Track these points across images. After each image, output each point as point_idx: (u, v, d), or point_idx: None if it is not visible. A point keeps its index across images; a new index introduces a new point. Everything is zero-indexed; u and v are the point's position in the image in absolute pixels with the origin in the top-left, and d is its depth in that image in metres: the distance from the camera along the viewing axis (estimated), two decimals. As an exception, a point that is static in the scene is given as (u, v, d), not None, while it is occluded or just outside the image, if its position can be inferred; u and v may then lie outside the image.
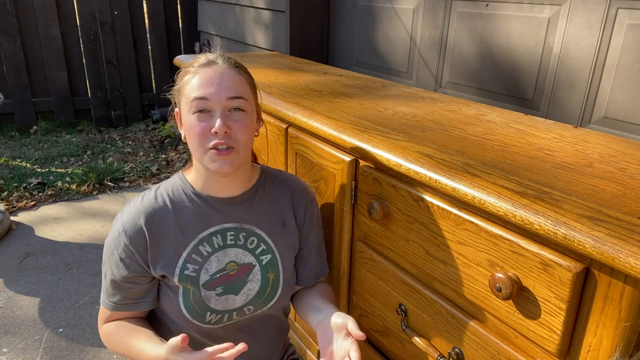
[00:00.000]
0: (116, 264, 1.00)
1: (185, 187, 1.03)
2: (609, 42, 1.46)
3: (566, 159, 0.96)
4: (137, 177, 3.28)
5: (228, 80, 0.95)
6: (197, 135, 0.94)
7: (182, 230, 1.01)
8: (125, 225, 0.99)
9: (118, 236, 0.99)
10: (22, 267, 2.29)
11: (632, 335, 0.70)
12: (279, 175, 1.13)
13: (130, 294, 1.02)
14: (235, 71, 0.98)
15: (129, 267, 0.99)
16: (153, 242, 0.99)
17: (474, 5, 1.83)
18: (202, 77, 0.95)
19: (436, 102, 1.41)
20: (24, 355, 1.77)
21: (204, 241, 1.02)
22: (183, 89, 0.97)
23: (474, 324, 0.91)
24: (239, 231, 1.04)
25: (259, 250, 1.06)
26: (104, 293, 1.05)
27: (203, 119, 0.94)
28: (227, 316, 1.06)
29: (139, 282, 1.02)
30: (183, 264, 1.00)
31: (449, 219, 0.91)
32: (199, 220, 1.02)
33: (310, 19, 2.60)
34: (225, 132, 0.93)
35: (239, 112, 0.96)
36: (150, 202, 1.01)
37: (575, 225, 0.70)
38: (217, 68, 0.96)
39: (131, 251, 0.99)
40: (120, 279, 1.01)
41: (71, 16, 3.98)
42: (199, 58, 0.99)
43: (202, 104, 0.94)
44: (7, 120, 4.04)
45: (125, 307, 1.04)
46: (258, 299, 1.07)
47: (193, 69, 0.97)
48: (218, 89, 0.94)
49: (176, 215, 1.01)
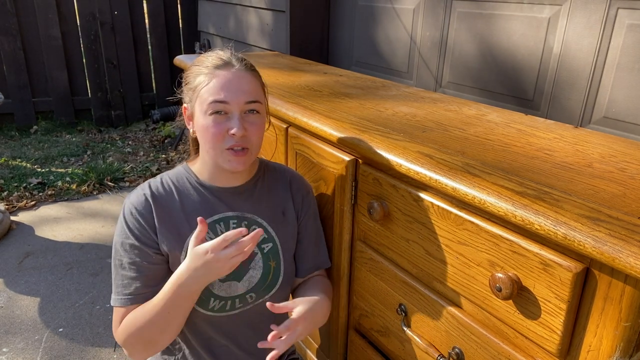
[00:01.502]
0: (133, 245, 1.00)
1: (189, 176, 1.07)
2: (609, 42, 1.46)
3: (566, 159, 0.96)
4: (137, 177, 3.29)
5: (246, 84, 0.98)
6: (214, 135, 0.97)
7: (187, 217, 1.04)
8: (135, 204, 1.02)
9: (130, 216, 1.01)
10: (22, 267, 2.29)
11: (632, 335, 0.70)
12: (277, 167, 1.18)
13: (148, 278, 1.01)
14: (250, 74, 1.01)
15: (147, 244, 1.01)
16: (160, 220, 1.02)
17: (474, 5, 1.83)
18: (220, 80, 0.97)
19: (436, 102, 1.41)
20: (24, 355, 1.77)
21: (207, 229, 1.03)
22: (198, 89, 0.99)
23: (474, 324, 0.91)
24: (241, 220, 1.08)
25: (261, 238, 1.09)
26: (117, 289, 1.02)
27: (220, 121, 0.97)
28: (230, 303, 1.07)
29: (157, 262, 1.02)
30: (187, 250, 1.01)
31: (449, 219, 0.91)
32: (203, 208, 1.05)
33: (311, 19, 2.60)
34: (243, 135, 0.97)
35: (255, 115, 1.00)
36: (157, 186, 1.05)
37: (575, 225, 0.70)
38: (234, 71, 0.99)
39: (145, 228, 1.01)
40: (140, 259, 1.00)
41: (71, 16, 3.98)
42: (210, 57, 1.01)
43: (221, 106, 0.97)
44: (7, 120, 4.04)
45: (142, 297, 1.01)
46: (260, 287, 1.09)
47: (207, 70, 0.99)
48: (237, 93, 0.97)
49: (181, 202, 1.04)
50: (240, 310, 1.09)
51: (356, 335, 1.27)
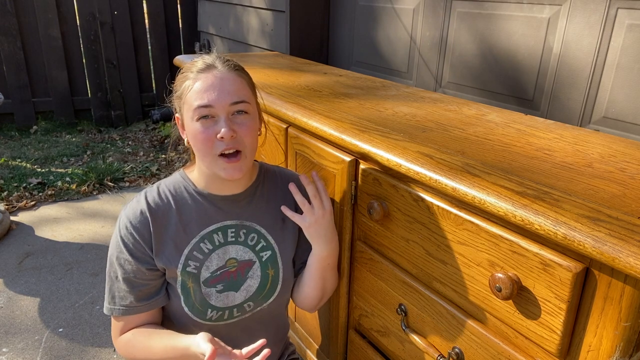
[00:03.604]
0: (127, 260, 0.99)
1: (187, 185, 1.04)
2: (609, 42, 1.46)
3: (566, 159, 0.96)
4: (137, 177, 3.28)
5: (230, 85, 0.95)
6: (203, 142, 0.94)
7: (184, 227, 1.01)
8: (132, 219, 1.00)
9: (126, 231, 0.99)
10: (22, 267, 2.29)
11: (632, 335, 0.70)
12: (277, 171, 1.15)
13: (142, 292, 1.01)
14: (235, 74, 0.97)
15: (141, 260, 0.99)
16: (156, 234, 0.99)
17: (474, 5, 1.83)
18: (203, 83, 0.94)
19: (436, 102, 1.41)
20: (24, 355, 1.77)
21: (205, 238, 1.02)
22: (184, 95, 0.97)
23: (474, 324, 0.91)
24: (239, 228, 1.05)
25: (259, 246, 1.07)
26: (112, 300, 1.02)
27: (207, 125, 0.94)
28: (228, 313, 1.06)
29: (151, 277, 1.01)
30: (185, 261, 1.01)
31: (449, 219, 0.91)
32: (200, 217, 1.03)
33: (310, 19, 2.60)
34: (232, 136, 0.93)
35: (243, 115, 0.96)
36: (154, 198, 1.02)
37: (575, 225, 0.70)
38: (217, 72, 0.95)
39: (140, 244, 0.99)
40: (133, 275, 1.00)
41: (71, 16, 3.98)
42: (196, 62, 0.98)
43: (206, 111, 0.93)
44: (7, 120, 4.04)
45: (138, 309, 1.01)
46: (258, 295, 1.08)
47: (192, 75, 0.96)
48: (220, 95, 0.93)
49: (178, 212, 1.02)
50: (238, 318, 1.09)
51: (356, 335, 1.27)
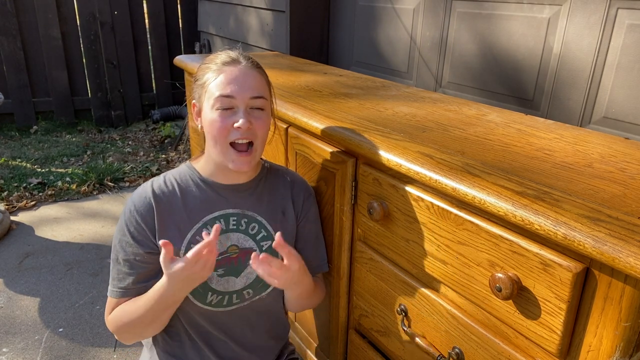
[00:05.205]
0: (128, 243, 1.03)
1: (192, 174, 1.09)
2: (609, 42, 1.46)
3: (566, 159, 0.96)
4: (137, 177, 3.28)
5: (251, 80, 1.01)
6: (219, 130, 0.99)
7: (188, 213, 1.06)
8: (136, 203, 1.04)
9: (130, 215, 1.04)
10: (22, 267, 2.29)
11: (632, 335, 0.70)
12: (280, 169, 1.20)
13: (141, 275, 1.04)
14: (256, 72, 1.04)
15: (142, 244, 1.03)
16: (160, 219, 1.03)
17: (474, 5, 1.83)
18: (227, 76, 1.00)
19: (436, 102, 1.41)
20: (24, 355, 1.77)
21: (207, 224, 1.06)
22: (207, 85, 1.02)
23: (474, 324, 0.91)
24: (241, 217, 1.09)
25: (260, 236, 1.10)
26: (112, 281, 1.06)
27: (226, 115, 1.00)
28: (227, 299, 1.09)
29: (151, 261, 1.04)
30: (187, 245, 1.05)
31: (449, 219, 0.91)
32: (204, 204, 1.07)
33: (310, 19, 2.60)
34: (248, 127, 0.99)
35: (259, 111, 1.03)
36: (159, 185, 1.07)
37: (575, 225, 0.70)
38: (241, 67, 1.02)
39: (142, 228, 1.03)
40: (134, 257, 1.03)
41: (71, 16, 3.98)
42: (220, 55, 1.05)
43: (227, 101, 0.99)
44: (7, 120, 4.04)
45: (134, 291, 1.04)
46: (257, 283, 1.11)
47: (216, 67, 1.02)
48: (243, 88, 1.00)
49: (183, 199, 1.06)
50: (237, 306, 1.11)
51: (356, 335, 1.27)
